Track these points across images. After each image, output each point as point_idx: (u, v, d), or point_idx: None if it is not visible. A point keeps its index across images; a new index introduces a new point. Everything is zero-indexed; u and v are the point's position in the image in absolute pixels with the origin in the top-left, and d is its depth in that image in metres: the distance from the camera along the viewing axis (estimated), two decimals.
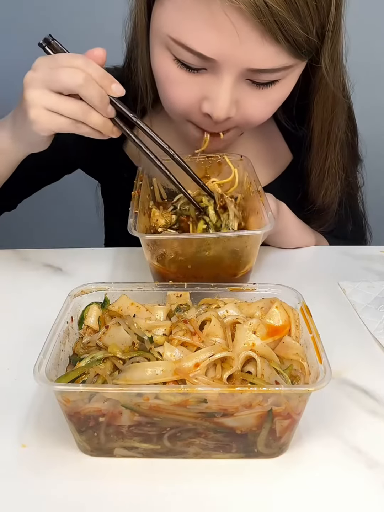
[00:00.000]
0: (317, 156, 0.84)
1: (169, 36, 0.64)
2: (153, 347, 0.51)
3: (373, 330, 0.68)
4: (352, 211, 0.97)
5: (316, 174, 0.86)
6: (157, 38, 0.67)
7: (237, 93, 0.67)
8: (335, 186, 0.87)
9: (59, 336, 0.51)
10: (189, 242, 0.64)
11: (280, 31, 0.59)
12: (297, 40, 0.61)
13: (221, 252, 0.66)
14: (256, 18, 0.57)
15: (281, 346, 0.53)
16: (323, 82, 0.74)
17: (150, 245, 0.65)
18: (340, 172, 0.86)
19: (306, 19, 0.60)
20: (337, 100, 0.78)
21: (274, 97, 0.70)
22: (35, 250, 0.87)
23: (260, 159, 0.90)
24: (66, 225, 1.84)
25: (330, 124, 0.80)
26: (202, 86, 0.67)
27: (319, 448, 0.51)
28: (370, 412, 0.56)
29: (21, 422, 0.54)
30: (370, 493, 0.47)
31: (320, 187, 0.87)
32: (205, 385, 0.46)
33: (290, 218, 0.87)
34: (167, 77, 0.69)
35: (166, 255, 0.65)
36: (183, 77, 0.67)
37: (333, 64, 0.71)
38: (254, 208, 0.72)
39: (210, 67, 0.65)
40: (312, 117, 0.80)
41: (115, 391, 0.45)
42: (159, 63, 0.69)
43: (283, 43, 0.60)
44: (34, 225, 1.81)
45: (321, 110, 0.79)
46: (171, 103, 0.71)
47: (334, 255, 0.88)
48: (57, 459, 0.50)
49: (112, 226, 1.06)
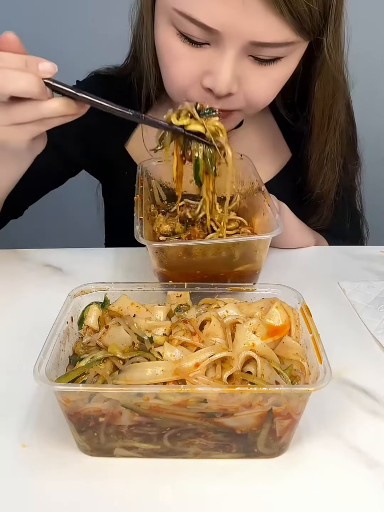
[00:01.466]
0: (317, 141, 0.84)
1: (174, 8, 0.64)
2: (153, 347, 0.51)
3: (373, 330, 0.68)
4: (349, 208, 0.97)
5: (315, 160, 0.86)
6: (162, 13, 0.68)
7: (239, 69, 0.67)
8: (333, 173, 0.87)
9: (59, 336, 0.51)
10: (197, 248, 0.64)
11: (284, 2, 0.59)
12: (300, 13, 0.61)
13: (231, 255, 0.66)
14: None
15: (281, 346, 0.53)
16: (324, 65, 0.74)
17: (158, 252, 0.65)
18: (338, 159, 0.87)
19: None
20: (338, 85, 0.78)
21: (276, 76, 0.71)
22: (35, 250, 0.87)
23: (260, 157, 0.90)
24: (66, 225, 1.84)
25: (330, 109, 0.81)
26: (204, 60, 0.67)
27: (319, 448, 0.51)
28: (370, 412, 0.56)
29: (21, 422, 0.54)
30: (370, 493, 0.47)
31: (319, 174, 0.87)
32: (205, 385, 0.46)
33: (290, 218, 0.87)
34: (169, 52, 0.69)
35: (174, 262, 0.65)
36: (185, 51, 0.68)
37: (335, 46, 0.72)
38: (258, 208, 0.72)
39: (213, 41, 0.65)
40: (313, 102, 0.81)
41: (115, 391, 0.45)
42: (162, 38, 0.69)
43: (287, 15, 0.61)
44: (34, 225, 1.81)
45: (322, 94, 0.79)
46: (173, 78, 0.71)
47: (334, 255, 0.88)
48: (57, 459, 0.50)
49: (112, 226, 1.06)
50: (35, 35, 1.62)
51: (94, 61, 0.89)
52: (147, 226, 0.72)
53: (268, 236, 0.63)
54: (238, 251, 0.66)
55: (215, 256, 0.65)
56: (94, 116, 0.87)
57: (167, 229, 0.73)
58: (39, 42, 1.63)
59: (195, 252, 0.64)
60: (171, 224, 0.74)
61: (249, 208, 0.77)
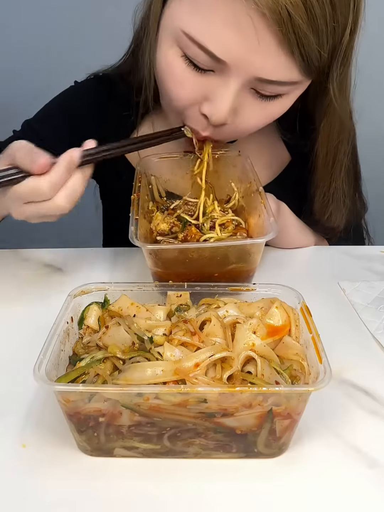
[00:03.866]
0: (322, 179, 0.84)
1: (183, 30, 0.62)
2: (153, 347, 0.51)
3: (373, 330, 0.68)
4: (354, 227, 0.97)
5: (320, 198, 0.86)
6: (167, 31, 0.66)
7: (239, 100, 0.66)
8: (339, 211, 0.87)
9: (59, 336, 0.51)
10: (191, 250, 0.65)
11: (297, 44, 0.59)
12: (310, 56, 0.60)
13: (225, 258, 0.66)
14: (278, 26, 0.57)
15: (281, 346, 0.53)
16: (331, 107, 0.74)
17: (152, 254, 0.65)
18: (344, 199, 0.86)
19: (322, 36, 0.60)
20: (344, 126, 0.78)
21: (273, 111, 0.70)
22: (35, 250, 0.87)
23: (258, 160, 0.90)
24: (66, 225, 1.83)
25: (335, 149, 0.80)
26: (206, 87, 0.66)
27: (319, 448, 0.51)
28: (370, 412, 0.56)
29: (21, 422, 0.54)
30: (370, 493, 0.47)
31: (325, 211, 0.87)
32: (205, 385, 0.46)
33: (290, 218, 0.87)
34: (172, 73, 0.67)
35: (167, 263, 0.65)
36: (188, 75, 0.66)
37: (341, 89, 0.71)
38: (255, 209, 0.72)
39: (218, 69, 0.64)
40: (317, 141, 0.80)
41: (115, 391, 0.45)
42: (165, 57, 0.67)
43: (297, 56, 0.60)
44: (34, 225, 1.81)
45: (327, 134, 0.78)
46: (172, 100, 0.70)
47: (334, 255, 0.88)
48: (57, 459, 0.50)
49: (110, 226, 1.06)
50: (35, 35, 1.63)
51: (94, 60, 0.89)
52: (144, 224, 0.72)
53: (262, 240, 0.64)
54: (232, 254, 0.66)
55: (209, 258, 0.65)
56: (89, 118, 0.88)
57: (164, 228, 0.73)
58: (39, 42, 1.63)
59: (189, 254, 0.64)
60: (169, 222, 0.74)
61: (246, 208, 0.78)
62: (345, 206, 0.87)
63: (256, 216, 0.71)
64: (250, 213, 0.75)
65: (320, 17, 0.58)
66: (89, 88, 0.91)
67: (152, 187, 0.81)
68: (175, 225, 0.74)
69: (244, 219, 0.76)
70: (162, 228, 0.73)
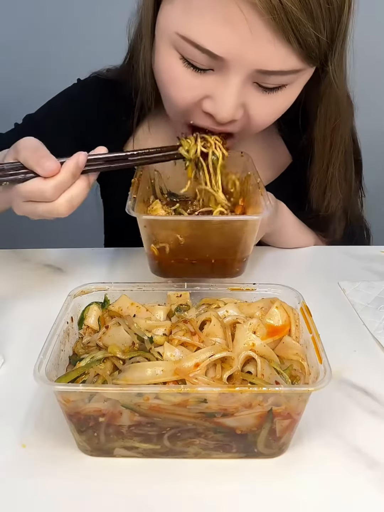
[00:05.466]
0: (318, 165, 0.83)
1: (178, 33, 0.62)
2: (153, 347, 0.51)
3: (373, 330, 0.68)
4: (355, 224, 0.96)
5: (317, 184, 0.85)
6: (163, 36, 0.66)
7: (243, 96, 0.66)
8: (336, 197, 0.86)
9: (59, 336, 0.51)
10: (186, 223, 0.64)
11: (292, 31, 0.58)
12: (308, 42, 0.60)
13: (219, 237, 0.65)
14: (269, 14, 0.56)
15: (281, 346, 0.53)
16: (328, 89, 0.73)
17: (147, 227, 0.64)
18: (342, 183, 0.85)
19: (318, 21, 0.59)
20: (341, 109, 0.77)
21: (279, 103, 0.70)
22: (35, 250, 0.87)
23: (260, 160, 0.89)
24: (66, 225, 1.84)
25: (332, 133, 0.79)
26: (207, 86, 0.66)
27: (319, 448, 0.51)
28: (370, 412, 0.56)
29: (21, 422, 0.54)
30: (370, 493, 0.47)
31: (323, 197, 0.86)
32: (205, 385, 0.46)
33: (288, 217, 0.87)
34: (171, 77, 0.67)
35: (162, 238, 0.64)
36: (188, 77, 0.66)
37: (339, 70, 0.70)
38: (254, 201, 0.72)
39: (217, 67, 0.63)
40: (314, 126, 0.80)
41: (115, 391, 0.45)
42: (163, 62, 0.67)
43: (294, 44, 0.59)
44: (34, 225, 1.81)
45: (324, 117, 0.78)
46: (173, 103, 0.70)
47: (334, 255, 0.88)
48: (57, 459, 0.50)
49: (111, 226, 1.06)
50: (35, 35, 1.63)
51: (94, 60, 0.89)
52: (142, 207, 0.71)
53: (256, 217, 0.62)
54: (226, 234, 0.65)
55: (202, 237, 0.64)
56: (91, 118, 0.88)
57: (162, 214, 0.73)
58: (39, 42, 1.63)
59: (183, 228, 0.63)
60: (166, 211, 0.74)
61: (244, 200, 0.77)
62: (342, 191, 0.86)
63: (254, 204, 0.70)
64: (249, 207, 0.75)
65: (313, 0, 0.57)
66: (92, 87, 0.91)
67: (154, 182, 0.80)
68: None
69: (242, 211, 0.76)
70: (158, 213, 0.73)
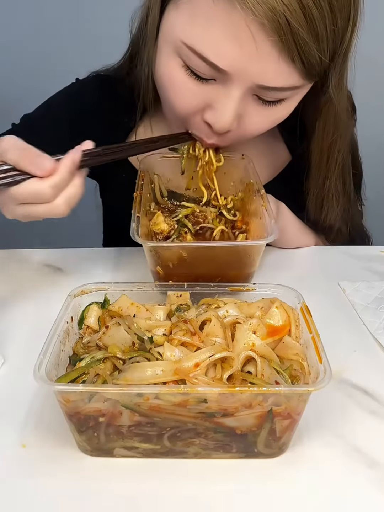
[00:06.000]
0: (315, 178, 0.83)
1: (182, 41, 0.62)
2: (153, 347, 0.51)
3: (373, 330, 0.68)
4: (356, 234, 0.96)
5: (314, 197, 0.85)
6: (167, 41, 0.66)
7: (242, 107, 0.66)
8: (334, 211, 0.86)
9: (59, 336, 0.51)
10: (192, 250, 0.65)
11: (297, 51, 0.58)
12: (311, 62, 0.60)
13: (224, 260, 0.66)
14: (277, 35, 0.57)
15: (281, 346, 0.53)
16: (327, 105, 0.73)
17: (152, 251, 0.65)
18: (339, 199, 0.85)
19: (323, 42, 0.59)
20: (340, 124, 0.77)
21: (276, 116, 0.70)
22: (35, 250, 0.87)
23: (259, 158, 0.89)
24: (66, 225, 1.84)
25: (329, 147, 0.80)
26: (208, 95, 0.66)
27: (319, 448, 0.51)
28: (370, 412, 0.56)
29: (21, 422, 0.54)
30: (370, 493, 0.47)
31: (320, 210, 0.86)
32: (205, 385, 0.46)
33: (289, 218, 0.87)
34: (173, 83, 0.67)
35: (168, 263, 0.65)
36: (189, 85, 0.66)
37: (339, 87, 0.71)
38: (255, 211, 0.72)
39: (219, 78, 0.64)
40: (312, 139, 0.80)
41: (115, 391, 0.45)
42: (165, 67, 0.67)
43: (298, 63, 0.60)
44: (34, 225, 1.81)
45: (322, 132, 0.78)
46: (174, 109, 0.70)
47: (334, 255, 0.88)
48: (57, 459, 0.50)
49: (110, 226, 1.06)
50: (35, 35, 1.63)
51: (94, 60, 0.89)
52: (146, 223, 0.72)
53: (261, 242, 0.64)
54: (232, 256, 0.66)
55: (209, 259, 0.66)
56: (90, 116, 0.88)
57: (164, 228, 0.73)
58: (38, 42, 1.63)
59: (188, 254, 0.64)
60: (170, 224, 0.74)
61: (247, 208, 0.77)
62: (339, 205, 0.86)
63: (257, 219, 0.71)
64: (251, 216, 0.75)
65: (320, 22, 0.58)
66: (91, 87, 0.91)
67: (154, 186, 0.81)
68: (173, 229, 0.75)
69: (244, 222, 0.76)
70: (161, 228, 0.73)
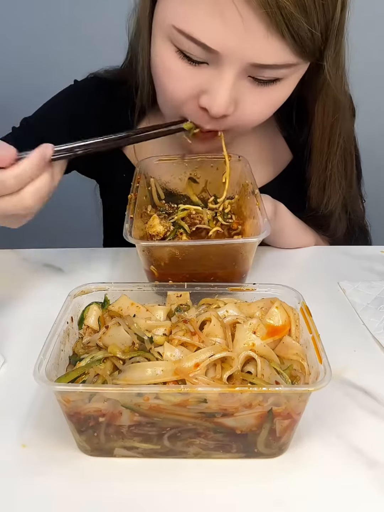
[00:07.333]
0: (317, 161, 0.83)
1: (173, 26, 0.63)
2: (153, 347, 0.51)
3: (373, 330, 0.68)
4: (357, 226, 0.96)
5: (316, 182, 0.85)
6: (160, 29, 0.66)
7: (237, 90, 0.66)
8: (336, 194, 0.86)
9: (59, 336, 0.51)
10: (184, 249, 0.64)
11: (286, 25, 0.58)
12: (302, 36, 0.60)
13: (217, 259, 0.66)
14: (263, 8, 0.57)
15: (281, 346, 0.53)
16: (325, 86, 0.73)
17: (145, 251, 0.65)
18: (341, 181, 0.85)
19: (311, 15, 0.59)
20: (339, 105, 0.77)
21: (274, 97, 0.70)
22: (35, 250, 0.87)
23: (260, 158, 0.89)
24: (66, 225, 1.84)
25: (331, 130, 0.79)
26: (202, 79, 0.66)
27: (319, 448, 0.51)
28: (370, 412, 0.56)
29: (21, 422, 0.54)
30: (370, 493, 0.47)
31: (322, 196, 0.86)
32: (205, 385, 0.46)
33: (288, 218, 0.86)
34: (166, 69, 0.68)
35: (161, 262, 0.65)
36: (183, 70, 0.66)
37: (335, 67, 0.70)
38: (250, 212, 0.72)
39: (212, 61, 0.64)
40: (312, 123, 0.80)
41: (115, 391, 0.45)
42: (160, 54, 0.68)
43: (288, 38, 0.60)
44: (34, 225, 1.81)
45: (322, 114, 0.78)
46: (168, 96, 0.70)
47: (334, 255, 0.88)
48: (57, 459, 0.50)
49: (110, 226, 1.06)
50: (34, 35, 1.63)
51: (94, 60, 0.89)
52: (140, 225, 0.72)
53: (254, 240, 0.63)
54: (224, 254, 0.66)
55: (202, 258, 0.65)
56: (89, 118, 0.88)
57: (160, 230, 0.73)
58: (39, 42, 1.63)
59: (181, 253, 0.64)
60: (165, 226, 0.74)
61: (242, 210, 0.78)
62: (341, 187, 0.86)
63: (251, 219, 0.71)
64: (245, 216, 0.75)
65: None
66: (90, 88, 0.91)
67: (151, 189, 0.81)
68: (169, 230, 0.75)
69: (241, 223, 0.76)
70: (157, 230, 0.73)
